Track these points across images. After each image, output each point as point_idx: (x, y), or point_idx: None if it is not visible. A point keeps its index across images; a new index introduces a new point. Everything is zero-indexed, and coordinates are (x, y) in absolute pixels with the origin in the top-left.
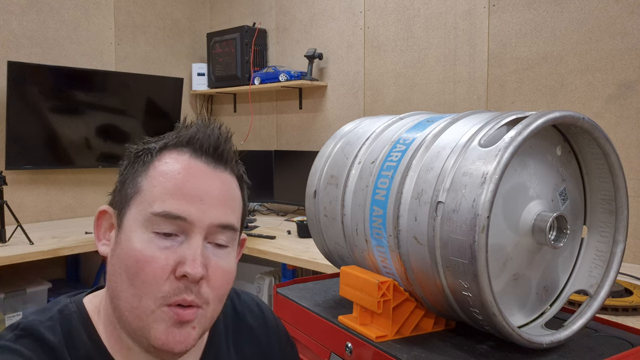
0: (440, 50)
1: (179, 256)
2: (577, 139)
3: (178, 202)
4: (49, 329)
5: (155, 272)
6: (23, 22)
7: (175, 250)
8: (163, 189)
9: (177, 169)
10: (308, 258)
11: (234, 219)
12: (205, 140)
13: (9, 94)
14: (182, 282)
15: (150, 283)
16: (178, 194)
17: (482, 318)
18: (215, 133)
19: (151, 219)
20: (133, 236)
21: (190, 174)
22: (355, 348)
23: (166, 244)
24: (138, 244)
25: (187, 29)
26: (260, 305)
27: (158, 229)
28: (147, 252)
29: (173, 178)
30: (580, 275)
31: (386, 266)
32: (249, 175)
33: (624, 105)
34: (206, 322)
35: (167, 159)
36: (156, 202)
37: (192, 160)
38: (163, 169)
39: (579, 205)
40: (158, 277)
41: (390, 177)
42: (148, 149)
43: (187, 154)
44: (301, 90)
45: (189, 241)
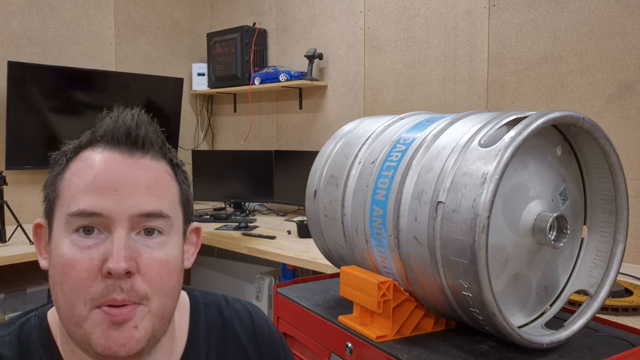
0: (440, 50)
1: (103, 254)
2: (577, 139)
3: (91, 197)
4: (6, 345)
5: (81, 275)
6: (23, 22)
7: (99, 248)
8: (76, 187)
9: (89, 165)
10: (308, 258)
11: (161, 205)
12: (117, 130)
13: (9, 94)
14: (109, 280)
15: (78, 287)
16: (90, 190)
17: (482, 318)
18: (128, 120)
19: (69, 220)
20: (60, 243)
21: (102, 167)
22: (355, 348)
23: (88, 244)
24: (63, 250)
25: (187, 29)
26: (253, 315)
27: (74, 227)
28: (70, 256)
29: (84, 174)
30: (580, 275)
31: (386, 266)
32: (249, 175)
33: (624, 105)
34: (153, 319)
35: (82, 158)
36: (72, 202)
37: (105, 153)
38: (76, 168)
39: (579, 205)
40: (84, 280)
41: (391, 177)
42: (63, 152)
43: (100, 147)
44: (301, 90)
45: (111, 236)
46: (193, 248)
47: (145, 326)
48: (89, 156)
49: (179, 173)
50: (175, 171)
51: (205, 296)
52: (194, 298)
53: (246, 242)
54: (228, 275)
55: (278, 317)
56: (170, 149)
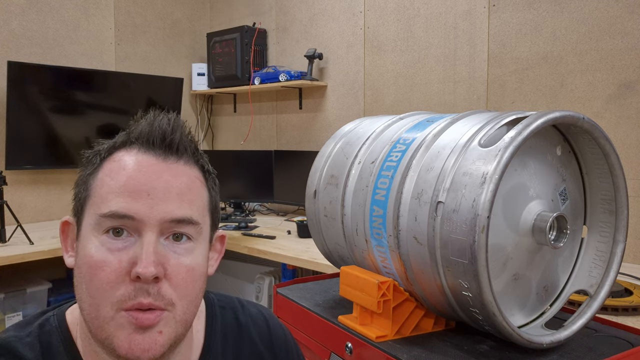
0: (440, 50)
1: (132, 257)
2: (577, 139)
3: (124, 200)
4: (28, 346)
5: (109, 277)
6: (23, 22)
7: (128, 251)
8: (109, 188)
9: (123, 166)
10: (308, 258)
11: (191, 211)
12: (153, 133)
13: (9, 94)
14: (137, 284)
15: (105, 289)
16: (123, 192)
17: (482, 318)
18: (164, 123)
19: (100, 221)
20: (87, 243)
21: (136, 170)
22: (355, 348)
23: (118, 246)
24: (91, 250)
25: (187, 29)
26: (268, 320)
27: (104, 229)
28: (99, 257)
29: (118, 176)
30: (580, 275)
31: (386, 266)
32: (249, 175)
33: (624, 105)
34: (176, 325)
35: (115, 158)
36: (103, 203)
37: (139, 155)
38: (109, 168)
39: (579, 205)
40: (112, 282)
41: (390, 177)
42: (97, 151)
43: (135, 149)
44: (301, 90)
45: (141, 240)
46: (217, 255)
47: (169, 332)
48: (122, 157)
49: (210, 180)
50: (206, 177)
51: (220, 299)
52: (209, 301)
53: (246, 242)
54: (228, 275)
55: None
56: (202, 155)
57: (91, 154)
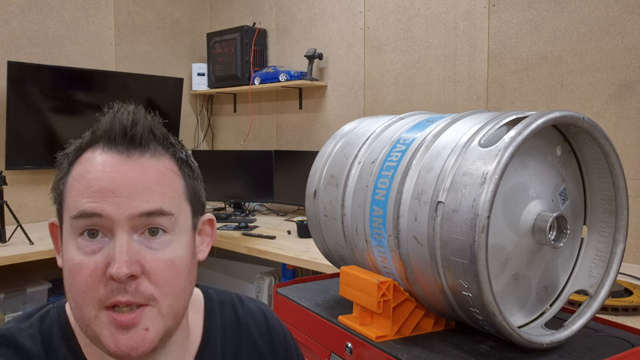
0: (440, 50)
1: (106, 257)
2: (577, 139)
3: (90, 199)
4: (29, 338)
5: (87, 280)
6: (23, 22)
7: (103, 252)
8: (77, 192)
9: (88, 169)
10: (308, 258)
11: (162, 202)
12: (114, 129)
13: (9, 94)
14: (114, 283)
15: (84, 291)
16: (89, 193)
17: (482, 318)
18: (124, 118)
19: (74, 224)
20: (67, 246)
21: (100, 171)
22: (355, 348)
23: (93, 248)
24: (70, 254)
25: (187, 29)
26: (267, 315)
27: (78, 231)
28: (77, 260)
29: (84, 178)
30: (580, 275)
31: (386, 266)
32: (249, 175)
33: (624, 105)
34: (164, 319)
35: (82, 161)
36: (73, 206)
37: (103, 155)
38: (77, 172)
39: (579, 205)
40: (90, 284)
41: (390, 177)
42: (65, 154)
43: (99, 149)
44: (301, 90)
45: (113, 239)
46: (208, 239)
47: (156, 327)
48: (88, 159)
49: (184, 167)
50: (180, 165)
51: (219, 294)
52: (208, 296)
53: (246, 242)
54: (228, 275)
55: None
56: (173, 144)
57: (60, 157)
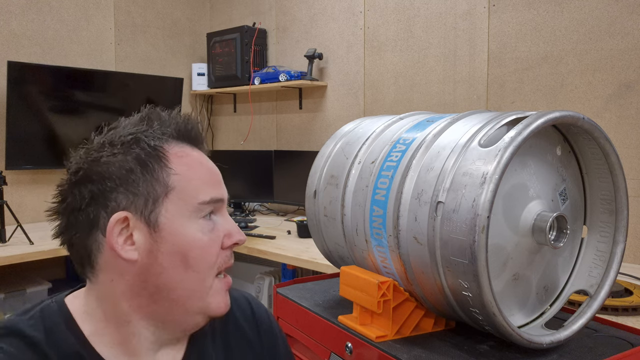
0: (440, 50)
1: (222, 231)
2: (577, 139)
3: (215, 187)
4: (32, 327)
5: (214, 252)
6: (23, 22)
7: (217, 228)
8: (199, 180)
9: (197, 161)
10: (308, 258)
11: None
12: (190, 129)
13: (9, 94)
14: (228, 251)
15: (213, 262)
16: (213, 181)
17: (482, 318)
18: (192, 121)
19: (198, 208)
20: (183, 229)
21: (206, 163)
22: (355, 348)
23: (210, 226)
24: (196, 234)
25: (187, 28)
26: (252, 303)
27: (204, 214)
28: (206, 239)
29: (200, 170)
30: (580, 275)
31: (386, 266)
32: (249, 175)
33: (624, 105)
34: None
35: (179, 154)
36: (199, 193)
37: (187, 148)
38: (188, 163)
39: (579, 205)
40: (215, 256)
41: (390, 177)
42: (149, 152)
43: (183, 143)
44: (301, 90)
45: (223, 217)
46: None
47: None
48: (184, 151)
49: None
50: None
51: None
52: None
53: (246, 242)
54: None
55: (278, 317)
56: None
57: (144, 153)
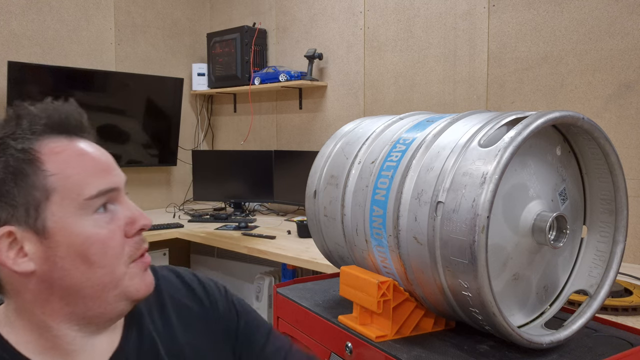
0: (440, 50)
1: (124, 219)
2: (577, 139)
3: (102, 177)
4: None
5: (117, 244)
6: (23, 22)
7: (117, 218)
8: (81, 174)
9: (77, 152)
10: (308, 258)
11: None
12: (65, 118)
13: (9, 94)
14: (136, 237)
15: (118, 253)
16: (97, 172)
17: (482, 318)
18: (66, 109)
19: (86, 204)
20: (76, 228)
21: (89, 152)
22: (355, 348)
23: (107, 218)
24: (91, 230)
25: (187, 29)
26: (176, 272)
27: (95, 208)
28: (103, 232)
29: (81, 162)
30: (580, 275)
31: (386, 266)
32: (249, 175)
33: (624, 105)
34: None
35: (55, 150)
36: (84, 189)
37: (74, 140)
38: (65, 159)
39: (578, 205)
40: (119, 247)
41: (390, 177)
42: (19, 157)
43: (59, 136)
44: (301, 91)
45: (122, 204)
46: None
47: None
48: (66, 146)
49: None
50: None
51: None
52: None
53: (246, 242)
54: (228, 275)
55: (278, 317)
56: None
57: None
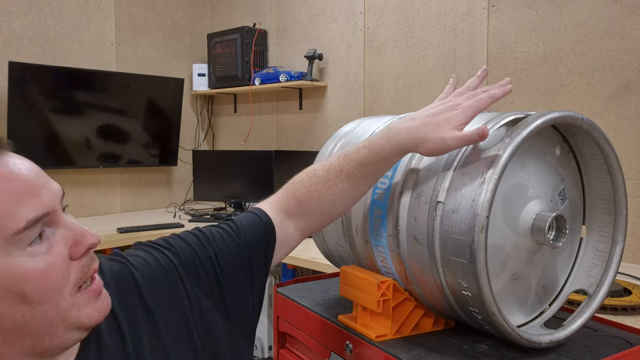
0: (440, 51)
1: (65, 242)
2: (576, 139)
3: (31, 202)
4: None
5: (58, 275)
6: (24, 22)
7: (56, 243)
8: (4, 204)
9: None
10: (308, 258)
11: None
12: None
13: (10, 94)
14: (84, 258)
15: (62, 283)
16: (24, 196)
17: (481, 317)
18: None
19: (16, 239)
20: (7, 268)
21: (8, 171)
22: (355, 347)
23: (43, 249)
24: (25, 267)
25: (187, 29)
26: (101, 268)
27: (29, 240)
28: (40, 266)
29: (2, 186)
30: (579, 275)
31: (386, 266)
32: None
33: (623, 106)
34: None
35: None
36: (9, 222)
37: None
38: None
39: (578, 205)
40: (62, 277)
41: (390, 177)
42: None
43: None
44: (301, 91)
45: (61, 225)
46: None
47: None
48: None
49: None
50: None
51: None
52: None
53: None
54: None
55: (278, 316)
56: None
57: None
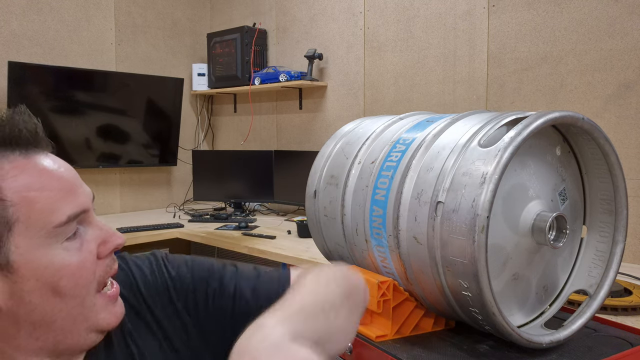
0: (440, 51)
1: (95, 240)
2: (577, 139)
3: (71, 199)
4: None
5: (89, 271)
6: (23, 22)
7: (88, 241)
8: (47, 199)
9: (37, 172)
10: (308, 258)
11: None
12: (17, 131)
13: (10, 94)
14: (107, 259)
15: (87, 282)
16: (65, 193)
17: (481, 318)
18: (15, 118)
19: (56, 233)
20: (45, 259)
21: (51, 171)
22: (355, 348)
23: (77, 245)
24: (62, 260)
25: (187, 29)
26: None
27: (67, 235)
28: (75, 260)
29: (46, 182)
30: (579, 275)
31: (386, 266)
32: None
33: (624, 106)
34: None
35: (12, 173)
36: (51, 216)
37: (31, 155)
38: (27, 183)
39: (578, 205)
40: (91, 273)
41: (390, 177)
42: None
43: (14, 153)
44: (301, 91)
45: (92, 225)
46: None
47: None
48: (24, 167)
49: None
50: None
51: None
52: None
53: (246, 242)
54: None
55: None
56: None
57: None
